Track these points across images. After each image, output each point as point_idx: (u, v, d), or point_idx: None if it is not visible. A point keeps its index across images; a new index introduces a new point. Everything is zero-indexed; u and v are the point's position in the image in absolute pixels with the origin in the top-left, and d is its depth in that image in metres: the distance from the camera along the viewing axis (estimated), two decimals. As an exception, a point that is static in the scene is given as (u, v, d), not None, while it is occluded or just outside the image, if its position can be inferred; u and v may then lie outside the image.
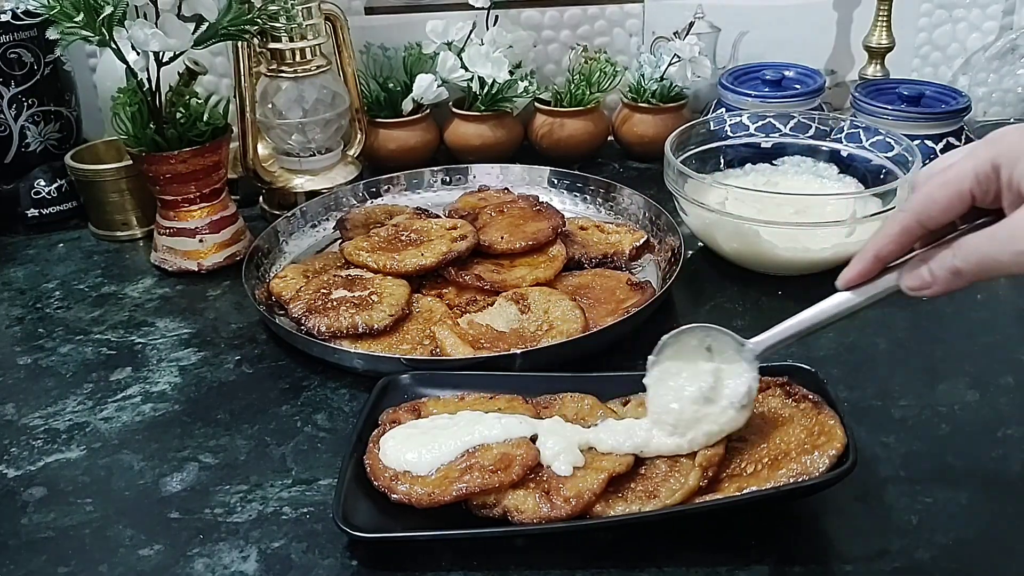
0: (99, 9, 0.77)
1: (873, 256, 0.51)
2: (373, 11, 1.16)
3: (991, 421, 0.66)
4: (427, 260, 0.82)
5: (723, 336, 0.58)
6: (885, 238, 0.50)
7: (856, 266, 0.51)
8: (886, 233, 0.50)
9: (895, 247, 0.50)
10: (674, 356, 0.59)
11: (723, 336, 0.58)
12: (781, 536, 0.57)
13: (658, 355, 0.59)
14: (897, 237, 0.50)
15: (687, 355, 0.59)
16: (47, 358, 0.78)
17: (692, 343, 0.59)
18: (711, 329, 0.59)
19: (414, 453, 0.59)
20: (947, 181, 0.48)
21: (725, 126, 0.97)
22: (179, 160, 0.86)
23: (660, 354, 0.59)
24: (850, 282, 0.52)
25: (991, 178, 0.46)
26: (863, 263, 0.51)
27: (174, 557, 0.57)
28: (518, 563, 0.56)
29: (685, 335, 0.59)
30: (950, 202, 0.48)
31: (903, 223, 0.49)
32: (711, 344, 0.58)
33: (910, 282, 0.50)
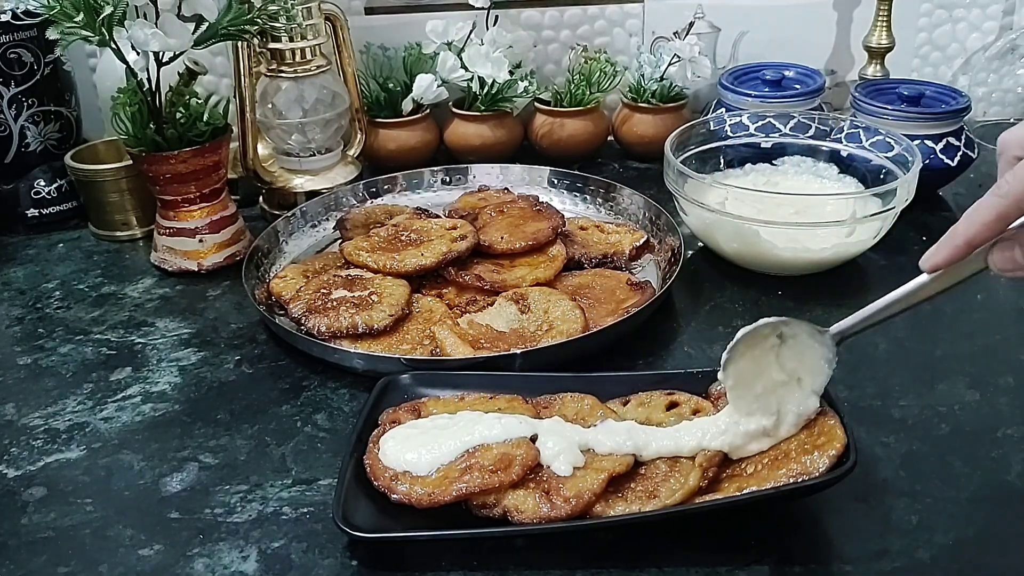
0: (99, 9, 0.77)
1: (965, 242, 0.48)
2: (373, 11, 1.16)
3: (991, 421, 0.66)
4: (427, 260, 0.82)
5: (798, 324, 0.57)
6: (980, 225, 0.47)
7: (945, 251, 0.49)
8: (981, 220, 0.47)
9: (990, 233, 0.47)
10: (749, 349, 0.57)
11: (798, 324, 0.57)
12: (781, 536, 0.57)
13: (731, 352, 0.57)
14: (993, 224, 0.47)
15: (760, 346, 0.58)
16: (47, 358, 0.78)
17: (764, 332, 0.57)
18: (782, 321, 0.57)
19: (414, 453, 0.59)
20: None
21: (725, 126, 0.97)
22: (179, 160, 0.86)
23: (734, 350, 0.57)
24: (937, 266, 0.49)
25: None
26: (953, 249, 0.48)
27: (174, 557, 0.57)
28: (518, 563, 0.56)
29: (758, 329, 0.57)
30: None
31: (1001, 210, 0.46)
32: (783, 330, 0.57)
33: (1001, 264, 0.48)
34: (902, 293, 0.53)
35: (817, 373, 0.58)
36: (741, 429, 0.58)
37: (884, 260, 0.89)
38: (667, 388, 0.65)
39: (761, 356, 0.58)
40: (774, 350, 0.58)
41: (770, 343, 0.58)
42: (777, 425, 0.58)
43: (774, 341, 0.57)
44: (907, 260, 0.52)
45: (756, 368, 0.58)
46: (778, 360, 0.58)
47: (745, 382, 0.58)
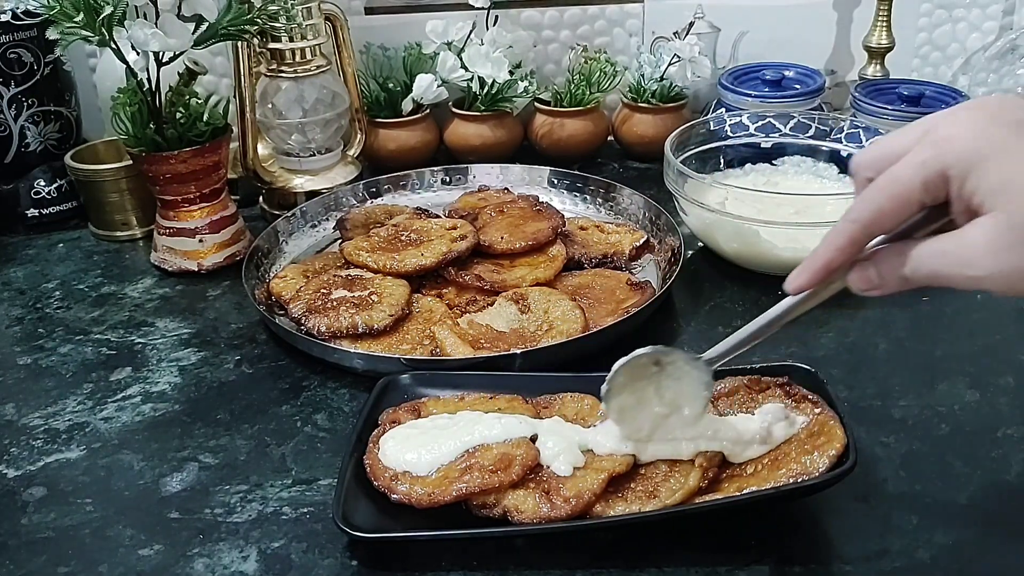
0: (99, 9, 0.77)
1: (823, 266, 0.49)
2: (373, 11, 1.16)
3: (991, 421, 0.66)
4: (427, 260, 0.82)
5: (674, 352, 0.58)
6: (835, 250, 0.48)
7: (805, 275, 0.50)
8: (836, 244, 0.48)
9: (845, 257, 0.48)
10: (629, 379, 0.58)
11: (674, 352, 0.58)
12: (781, 536, 0.57)
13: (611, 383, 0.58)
14: (847, 248, 0.48)
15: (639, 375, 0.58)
16: (47, 358, 0.78)
17: (642, 362, 0.58)
18: (659, 349, 0.57)
19: (414, 453, 0.59)
20: (895, 194, 0.45)
21: (725, 126, 0.97)
22: (179, 160, 0.86)
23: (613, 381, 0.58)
24: (799, 289, 0.51)
25: (940, 187, 0.44)
26: (812, 273, 0.50)
27: (174, 557, 0.57)
28: (518, 563, 0.56)
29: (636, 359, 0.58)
30: (898, 213, 0.46)
31: (852, 235, 0.47)
32: (660, 359, 0.58)
33: (859, 284, 0.49)
34: (770, 317, 0.54)
35: (696, 398, 0.58)
36: (731, 435, 0.58)
37: (884, 260, 0.89)
38: (667, 388, 0.65)
39: (642, 387, 0.58)
40: (654, 379, 0.58)
41: (650, 371, 0.58)
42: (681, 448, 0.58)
43: (653, 369, 0.58)
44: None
45: (637, 399, 0.58)
46: (658, 389, 0.58)
47: (629, 413, 0.58)
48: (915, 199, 0.45)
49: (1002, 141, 0.42)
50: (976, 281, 0.43)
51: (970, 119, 0.44)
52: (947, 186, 0.44)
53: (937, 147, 0.44)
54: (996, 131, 0.43)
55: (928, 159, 0.44)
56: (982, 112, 0.44)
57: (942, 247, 0.44)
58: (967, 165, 0.43)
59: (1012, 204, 0.41)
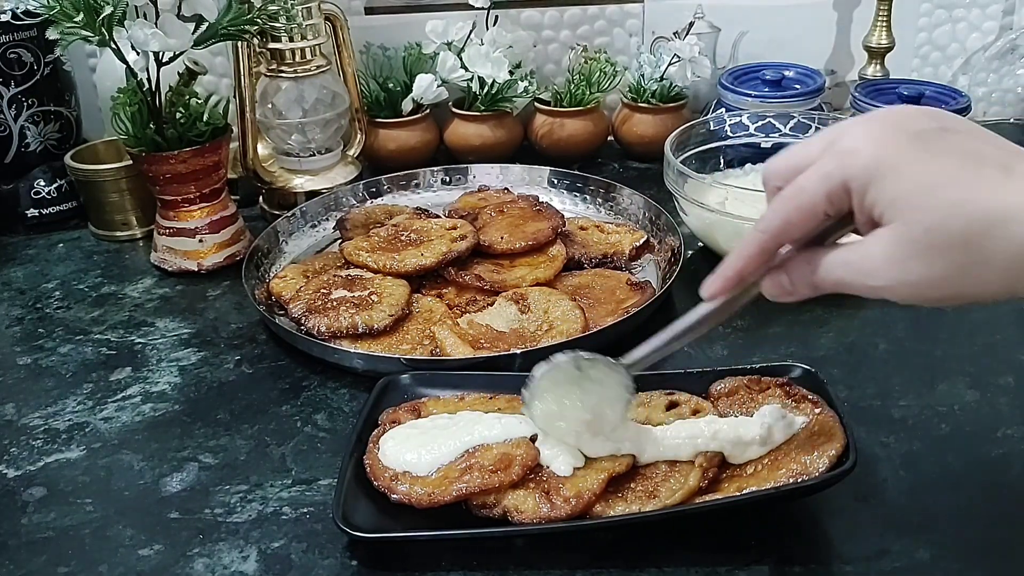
0: (99, 9, 0.77)
1: (735, 274, 0.50)
2: (373, 11, 1.16)
3: (991, 421, 0.66)
4: (427, 260, 0.82)
5: (595, 358, 0.58)
6: (746, 259, 0.49)
7: (719, 282, 0.51)
8: (747, 253, 0.49)
9: (756, 265, 0.49)
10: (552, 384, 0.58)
11: (595, 358, 0.58)
12: (781, 536, 0.57)
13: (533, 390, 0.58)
14: (758, 257, 0.49)
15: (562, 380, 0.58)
16: (47, 358, 0.78)
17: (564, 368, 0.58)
18: (580, 355, 0.58)
19: (414, 453, 0.59)
20: (800, 205, 0.46)
21: (725, 126, 0.97)
22: (179, 160, 0.86)
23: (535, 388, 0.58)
24: (713, 296, 0.51)
25: (843, 199, 0.44)
26: (725, 280, 0.50)
27: (174, 557, 0.57)
28: (518, 563, 0.56)
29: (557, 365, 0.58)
30: (804, 223, 0.46)
31: (761, 244, 0.48)
32: (581, 363, 0.58)
33: (772, 290, 0.50)
34: (687, 323, 0.54)
35: (617, 401, 0.58)
36: (731, 437, 0.58)
37: (884, 260, 0.89)
38: (667, 388, 0.65)
39: (565, 392, 0.58)
40: (577, 383, 0.58)
41: (573, 376, 0.58)
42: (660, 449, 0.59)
43: (575, 374, 0.58)
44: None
45: (559, 405, 0.58)
46: (581, 394, 0.58)
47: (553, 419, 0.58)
48: (819, 210, 0.46)
49: (901, 153, 0.43)
50: (877, 291, 0.44)
51: (871, 131, 0.44)
52: (849, 198, 0.44)
53: (839, 159, 0.44)
54: (896, 143, 0.43)
55: (831, 171, 0.45)
56: (884, 124, 0.44)
57: (844, 258, 0.45)
58: (867, 177, 0.43)
59: (909, 216, 0.42)
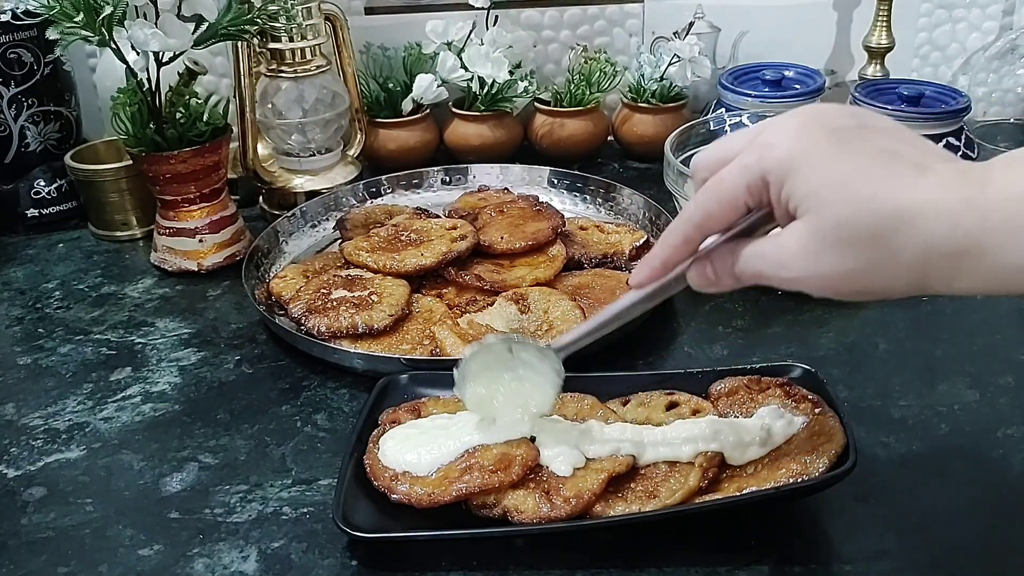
0: (99, 9, 0.77)
1: (661, 264, 0.50)
2: (373, 11, 1.16)
3: (991, 421, 0.66)
4: (427, 260, 0.82)
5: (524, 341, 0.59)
6: (670, 248, 0.50)
7: (645, 271, 0.51)
8: (671, 242, 0.50)
9: (680, 254, 0.50)
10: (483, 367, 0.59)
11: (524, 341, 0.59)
12: (781, 536, 0.57)
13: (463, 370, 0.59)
14: (681, 246, 0.49)
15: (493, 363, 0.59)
16: (47, 358, 0.78)
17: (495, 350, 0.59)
18: (510, 338, 0.59)
19: (414, 453, 0.59)
20: (721, 197, 0.47)
21: (725, 126, 0.97)
22: (179, 160, 0.86)
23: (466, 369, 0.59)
24: (640, 284, 0.52)
25: (762, 191, 0.45)
26: (651, 269, 0.51)
27: (174, 557, 0.57)
28: (518, 563, 0.56)
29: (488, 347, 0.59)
30: (725, 214, 0.47)
31: (685, 233, 0.49)
32: (512, 347, 0.58)
33: (696, 280, 0.50)
34: (614, 310, 0.54)
35: (547, 385, 0.58)
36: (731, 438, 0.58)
37: (884, 260, 0.89)
38: (667, 388, 0.65)
39: (496, 376, 0.59)
40: (508, 366, 0.59)
41: (505, 358, 0.58)
42: None
43: (507, 356, 0.58)
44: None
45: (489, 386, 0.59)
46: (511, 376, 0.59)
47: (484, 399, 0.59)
48: (740, 202, 0.46)
49: (816, 148, 0.44)
50: (792, 282, 0.45)
51: (791, 126, 0.45)
52: (768, 190, 0.45)
53: (759, 152, 0.45)
54: (812, 138, 0.44)
55: (751, 164, 0.45)
56: (803, 119, 0.45)
57: (762, 249, 0.46)
58: (784, 171, 0.44)
59: (821, 210, 0.43)
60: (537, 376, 0.59)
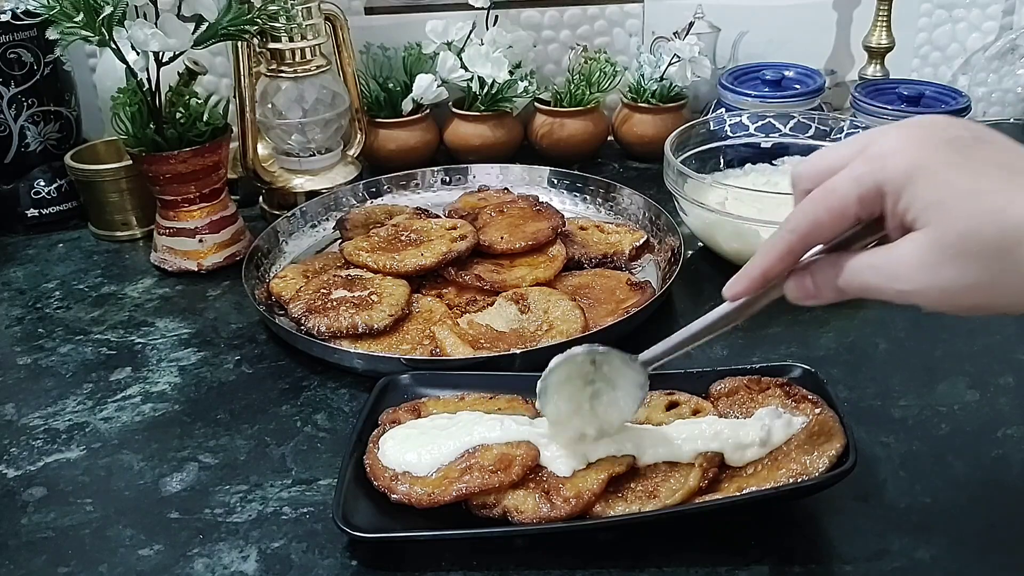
0: (99, 9, 0.77)
1: (761, 275, 0.50)
2: (373, 11, 1.16)
3: (991, 421, 0.66)
4: (427, 260, 0.82)
5: (609, 352, 0.57)
6: (772, 259, 0.49)
7: (743, 283, 0.50)
8: (773, 253, 0.49)
9: (782, 266, 0.49)
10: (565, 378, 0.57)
11: (609, 352, 0.57)
12: (781, 536, 0.57)
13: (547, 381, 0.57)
14: (785, 257, 0.49)
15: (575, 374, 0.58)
16: (47, 358, 0.78)
17: (579, 360, 0.57)
18: (594, 348, 0.57)
19: (414, 453, 0.59)
20: (831, 207, 0.46)
21: (725, 126, 0.97)
22: (179, 160, 0.86)
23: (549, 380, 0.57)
24: (737, 296, 0.51)
25: (875, 202, 0.45)
26: (750, 281, 0.50)
27: (174, 557, 0.57)
28: (518, 563, 0.56)
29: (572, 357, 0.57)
30: (835, 225, 0.46)
31: (789, 245, 0.48)
32: (596, 357, 0.57)
33: (795, 293, 0.49)
34: (707, 321, 0.54)
35: (630, 399, 0.58)
36: (731, 440, 0.58)
37: (884, 260, 0.89)
38: (667, 388, 0.65)
39: (577, 388, 0.58)
40: (590, 378, 0.57)
41: (586, 370, 0.57)
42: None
43: (589, 368, 0.57)
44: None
45: (571, 399, 0.58)
46: (594, 390, 0.58)
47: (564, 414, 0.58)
48: (851, 213, 0.46)
49: (934, 159, 0.43)
50: (905, 295, 0.44)
51: (905, 136, 0.44)
52: (882, 201, 0.44)
53: (873, 163, 0.45)
54: (930, 149, 0.43)
55: (864, 174, 0.45)
56: (917, 130, 0.45)
57: (874, 260, 0.45)
58: (902, 181, 0.43)
59: (942, 221, 0.42)
60: (617, 391, 0.57)
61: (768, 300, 0.51)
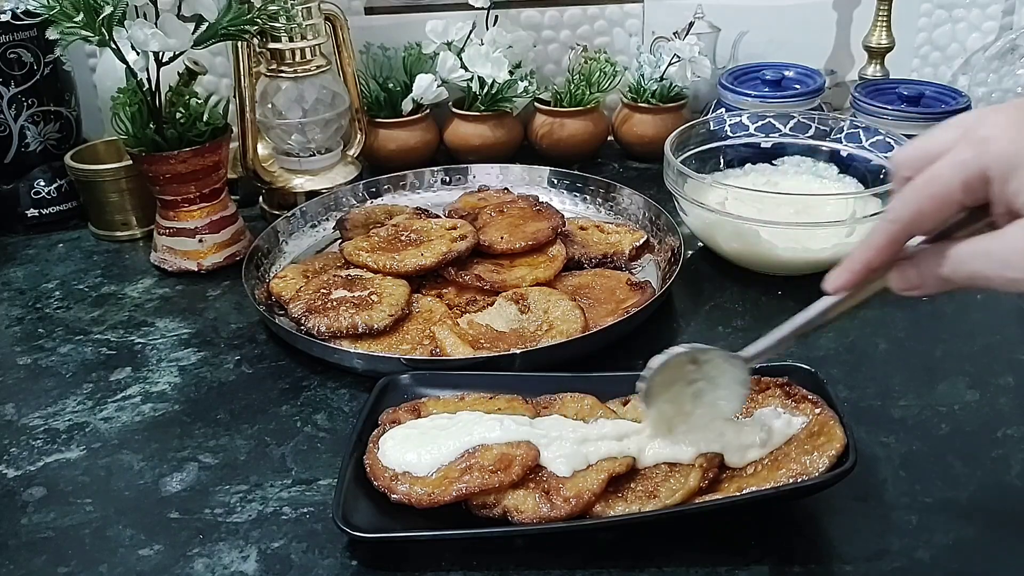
0: (99, 9, 0.77)
1: (863, 267, 0.49)
2: (373, 11, 1.16)
3: (991, 421, 0.66)
4: (427, 260, 0.82)
5: (710, 351, 0.57)
6: (875, 250, 0.48)
7: (845, 275, 0.50)
8: (876, 244, 0.48)
9: (885, 257, 0.48)
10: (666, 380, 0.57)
11: (710, 351, 0.57)
12: (781, 536, 0.57)
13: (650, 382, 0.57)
14: (888, 247, 0.48)
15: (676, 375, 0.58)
16: (47, 358, 0.78)
17: (680, 360, 0.57)
18: (696, 347, 0.57)
19: (414, 453, 0.59)
20: (935, 194, 0.45)
21: (725, 126, 0.97)
22: (179, 160, 0.86)
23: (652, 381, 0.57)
24: (839, 289, 0.50)
25: (980, 188, 0.43)
26: (853, 273, 0.49)
27: (174, 557, 0.57)
28: (518, 563, 0.56)
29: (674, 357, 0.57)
30: (939, 213, 0.45)
31: (893, 235, 0.47)
32: (697, 356, 0.57)
33: (899, 284, 0.48)
34: (808, 316, 0.53)
35: (733, 397, 0.58)
36: (733, 443, 0.58)
37: (884, 260, 0.89)
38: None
39: (679, 389, 0.58)
40: (690, 378, 0.57)
41: (686, 370, 0.57)
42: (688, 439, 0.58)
43: (690, 368, 0.57)
44: (906, 260, 0.52)
45: (673, 400, 0.58)
46: (695, 390, 0.58)
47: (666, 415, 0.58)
48: (955, 199, 0.44)
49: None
50: (1016, 283, 0.43)
51: (1010, 119, 0.43)
52: (988, 187, 0.43)
53: (977, 147, 0.43)
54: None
55: (968, 160, 0.43)
56: (1018, 112, 0.43)
57: (983, 247, 0.44)
58: (1008, 166, 0.42)
59: None
60: (719, 389, 0.57)
61: (869, 293, 0.50)
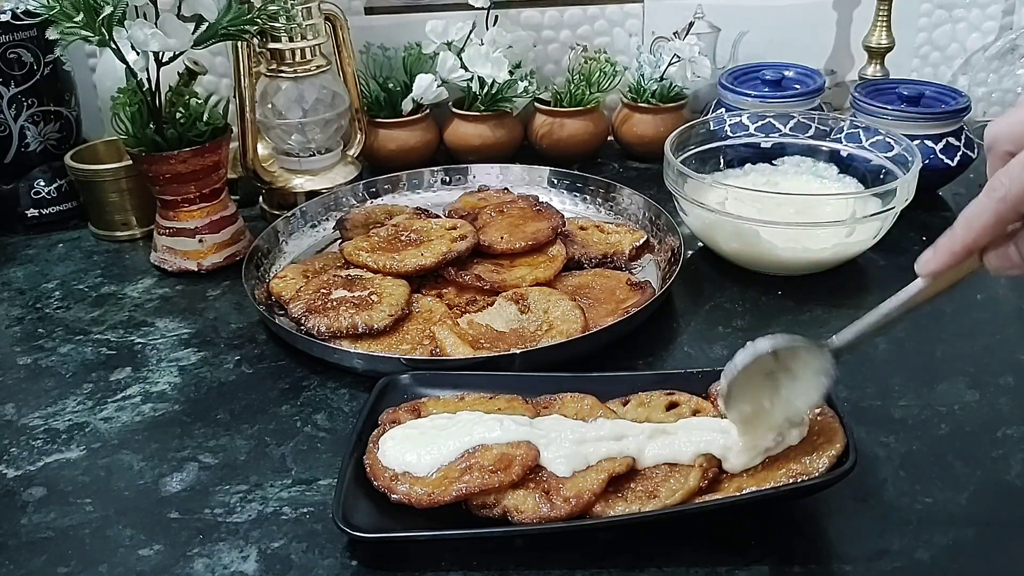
0: (99, 9, 0.77)
1: (963, 248, 0.46)
2: (373, 11, 1.16)
3: (991, 421, 0.66)
4: (427, 260, 0.82)
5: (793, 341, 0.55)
6: (980, 230, 0.45)
7: (943, 256, 0.47)
8: (981, 225, 0.45)
9: (988, 236, 0.45)
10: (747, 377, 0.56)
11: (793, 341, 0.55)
12: (781, 536, 0.57)
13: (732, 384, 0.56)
14: (992, 227, 0.45)
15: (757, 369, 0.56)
16: (47, 358, 0.78)
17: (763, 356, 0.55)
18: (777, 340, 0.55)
19: (414, 453, 0.59)
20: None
21: (725, 126, 0.97)
22: (179, 160, 0.86)
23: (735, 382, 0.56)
24: (936, 272, 0.48)
25: None
26: (951, 255, 0.47)
27: (174, 557, 0.57)
28: (518, 563, 0.56)
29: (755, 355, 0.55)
30: None
31: (999, 215, 0.44)
32: (779, 353, 0.55)
33: (998, 263, 0.46)
34: (899, 300, 0.51)
35: (814, 387, 0.56)
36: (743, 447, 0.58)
37: (884, 260, 0.89)
38: (667, 388, 0.65)
39: (758, 384, 0.56)
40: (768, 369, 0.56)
41: (767, 364, 0.55)
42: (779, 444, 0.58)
43: (768, 360, 0.55)
44: (907, 260, 0.52)
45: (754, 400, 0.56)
46: (775, 385, 0.56)
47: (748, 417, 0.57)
48: None
49: None
50: None
51: None
52: None
53: None
54: None
55: None
56: None
57: None
58: None
59: None
60: (798, 381, 0.55)
61: (962, 275, 0.48)
